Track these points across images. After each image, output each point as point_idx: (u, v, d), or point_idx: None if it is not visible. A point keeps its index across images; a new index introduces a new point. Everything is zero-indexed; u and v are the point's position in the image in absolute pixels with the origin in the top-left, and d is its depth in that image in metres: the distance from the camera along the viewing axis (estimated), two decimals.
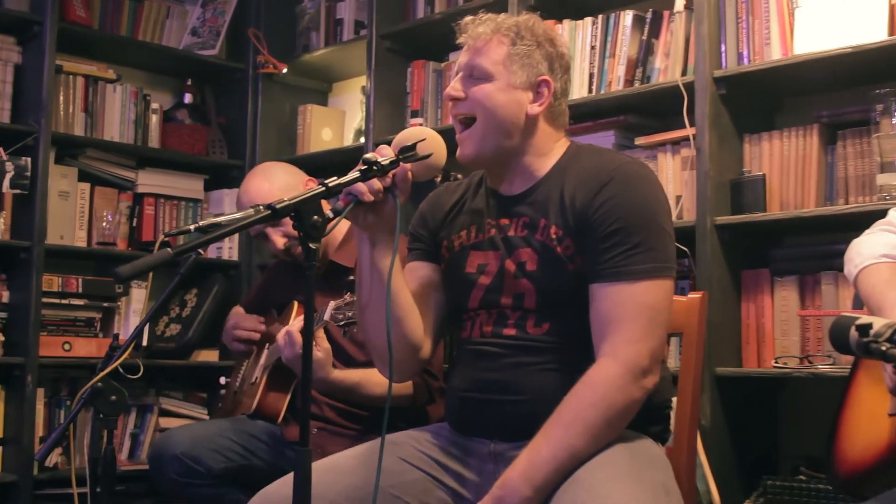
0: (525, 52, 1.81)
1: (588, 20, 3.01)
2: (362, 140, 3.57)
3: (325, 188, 1.54)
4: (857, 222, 2.08)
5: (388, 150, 1.67)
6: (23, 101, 3.47)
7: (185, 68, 3.99)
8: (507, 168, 1.85)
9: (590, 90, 2.97)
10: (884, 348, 1.43)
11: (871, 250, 1.88)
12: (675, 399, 1.92)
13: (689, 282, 2.73)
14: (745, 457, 2.63)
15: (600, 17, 2.98)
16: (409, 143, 1.67)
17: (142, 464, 3.47)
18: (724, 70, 2.68)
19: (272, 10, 3.99)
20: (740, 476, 2.60)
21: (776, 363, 2.57)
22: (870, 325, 1.45)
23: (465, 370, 1.84)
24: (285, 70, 3.93)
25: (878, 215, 1.99)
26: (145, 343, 3.56)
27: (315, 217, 1.46)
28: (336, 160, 3.71)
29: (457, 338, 1.92)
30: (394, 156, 1.65)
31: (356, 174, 1.61)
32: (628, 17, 2.91)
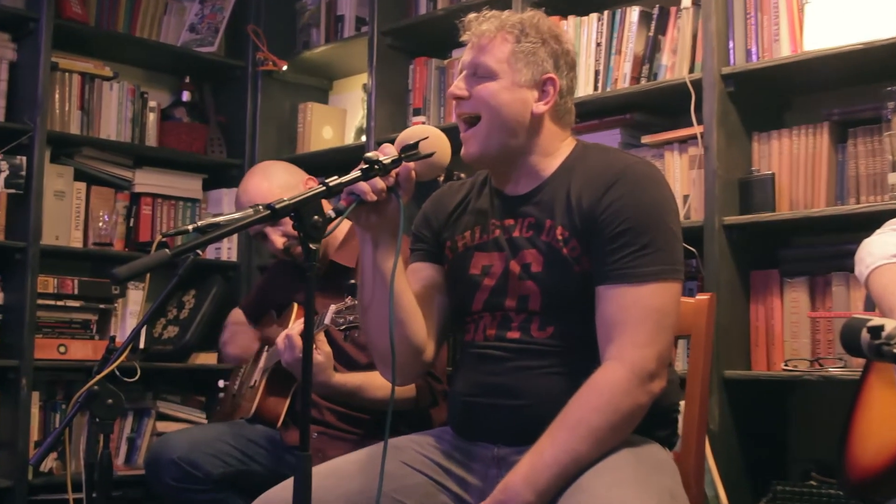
0: (530, 50, 1.80)
1: (593, 16, 3.00)
2: (363, 139, 3.57)
3: (325, 187, 1.53)
4: (869, 222, 2.09)
5: (391, 149, 1.66)
6: (18, 99, 3.45)
7: (184, 65, 3.98)
8: (512, 167, 1.84)
9: (595, 88, 2.96)
10: None
11: (882, 250, 1.90)
12: (682, 403, 1.91)
13: (696, 283, 2.72)
14: (755, 461, 2.62)
15: (606, 13, 2.97)
16: (412, 141, 1.66)
17: (139, 469, 3.46)
18: (733, 67, 2.67)
19: (272, 7, 3.98)
20: (749, 481, 2.59)
21: (786, 366, 2.57)
22: (882, 327, 1.50)
23: (469, 374, 1.83)
24: (285, 67, 3.91)
25: (890, 215, 2.01)
26: (142, 345, 3.59)
27: (315, 217, 1.45)
28: (337, 159, 3.71)
29: (460, 341, 1.92)
30: (396, 154, 1.64)
31: (357, 173, 1.60)
32: (634, 13, 2.90)
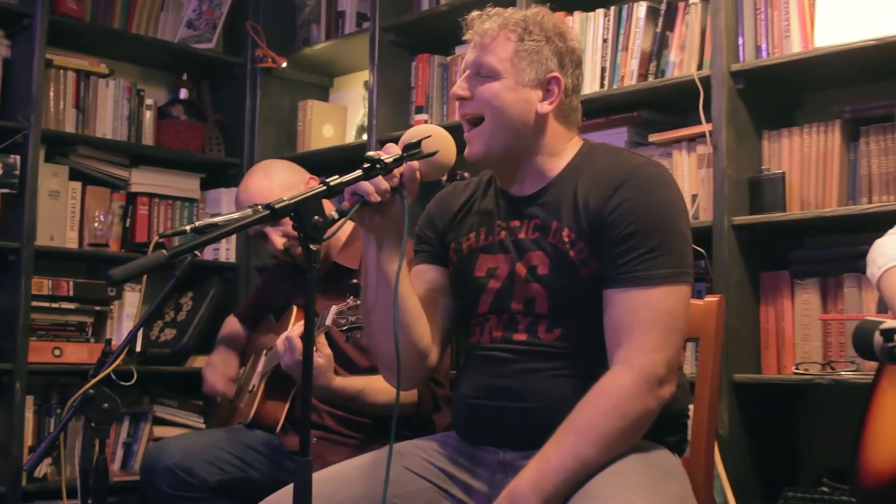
0: (533, 49, 1.79)
1: (600, 12, 3.00)
2: (365, 137, 3.56)
3: (326, 187, 1.52)
4: (881, 222, 2.10)
5: (394, 149, 1.66)
6: (11, 97, 3.43)
7: (181, 62, 3.97)
8: (517, 168, 1.83)
9: (602, 85, 2.96)
10: None
11: (894, 251, 1.90)
12: (691, 407, 1.90)
13: (705, 284, 2.71)
14: (765, 467, 2.61)
15: (612, 8, 2.96)
16: (414, 140, 1.66)
17: (135, 474, 3.45)
18: (742, 64, 2.66)
19: (271, 2, 3.96)
20: (760, 487, 2.58)
21: (797, 369, 2.56)
22: (894, 330, 1.45)
23: (474, 377, 1.82)
24: (285, 64, 3.90)
25: None
26: (139, 348, 3.58)
27: (316, 217, 1.44)
28: (338, 158, 3.71)
29: (465, 343, 1.91)
30: (398, 153, 1.64)
31: (359, 173, 1.59)
32: (642, 9, 2.89)
